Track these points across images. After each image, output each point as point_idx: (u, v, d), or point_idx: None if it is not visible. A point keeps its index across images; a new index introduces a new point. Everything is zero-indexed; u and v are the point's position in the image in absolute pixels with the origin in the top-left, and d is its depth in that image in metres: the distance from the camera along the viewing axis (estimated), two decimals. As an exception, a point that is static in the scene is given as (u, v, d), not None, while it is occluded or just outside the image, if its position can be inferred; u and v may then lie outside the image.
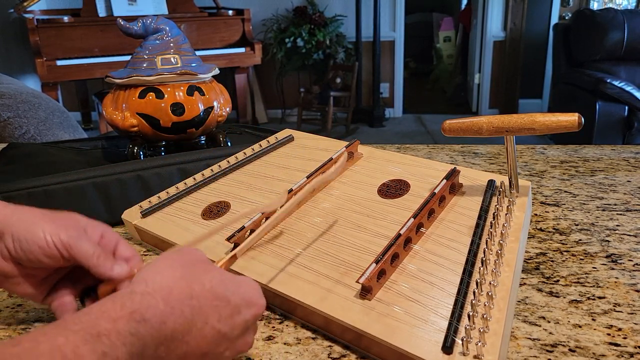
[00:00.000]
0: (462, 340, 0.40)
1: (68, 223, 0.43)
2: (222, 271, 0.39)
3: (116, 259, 0.44)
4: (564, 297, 0.53)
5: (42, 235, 0.41)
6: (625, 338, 0.46)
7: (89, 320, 0.30)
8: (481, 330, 0.40)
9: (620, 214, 0.73)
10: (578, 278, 0.56)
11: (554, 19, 4.64)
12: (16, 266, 0.43)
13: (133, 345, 0.31)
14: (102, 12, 3.41)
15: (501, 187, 0.57)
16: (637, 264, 0.59)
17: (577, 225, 0.70)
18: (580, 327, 0.48)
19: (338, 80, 4.36)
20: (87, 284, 0.46)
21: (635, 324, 0.48)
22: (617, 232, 0.67)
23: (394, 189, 0.61)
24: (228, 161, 0.73)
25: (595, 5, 4.68)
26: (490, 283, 0.45)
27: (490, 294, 0.44)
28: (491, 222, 0.52)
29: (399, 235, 0.50)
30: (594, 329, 0.48)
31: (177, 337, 0.33)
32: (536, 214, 0.74)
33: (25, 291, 0.44)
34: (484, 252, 0.48)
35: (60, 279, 0.46)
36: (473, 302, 0.43)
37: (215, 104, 0.87)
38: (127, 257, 0.45)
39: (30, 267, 0.43)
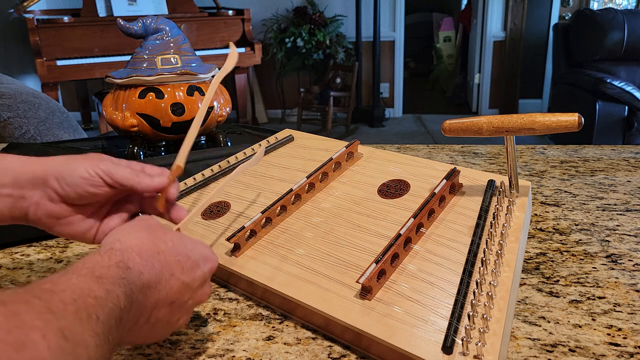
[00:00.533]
0: (462, 340, 0.40)
1: (100, 157, 0.48)
2: (179, 233, 0.44)
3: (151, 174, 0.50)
4: (564, 297, 0.53)
5: (84, 169, 0.46)
6: (625, 338, 0.46)
7: (89, 267, 0.35)
8: (481, 330, 0.40)
9: (620, 214, 0.73)
10: (578, 278, 0.56)
11: (554, 19, 4.64)
12: (67, 205, 0.46)
13: (126, 287, 0.35)
14: (102, 12, 3.41)
15: (501, 187, 0.57)
16: (637, 264, 0.59)
17: (577, 225, 0.70)
18: (580, 327, 0.48)
19: (338, 80, 4.36)
20: (132, 212, 0.51)
21: (635, 324, 0.48)
22: (617, 232, 0.67)
23: (394, 189, 0.61)
24: (228, 161, 0.73)
25: (595, 5, 4.68)
26: (490, 283, 0.45)
27: (490, 294, 0.44)
28: (491, 222, 0.52)
29: (399, 235, 0.50)
30: (594, 329, 0.48)
31: (152, 285, 0.38)
32: (536, 214, 0.74)
33: (78, 229, 0.48)
34: (484, 252, 0.48)
35: (106, 214, 0.50)
36: (473, 302, 0.43)
37: (215, 104, 0.87)
38: (158, 173, 0.50)
39: (78, 205, 0.47)
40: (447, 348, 0.40)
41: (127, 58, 0.87)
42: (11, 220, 0.47)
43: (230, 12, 3.74)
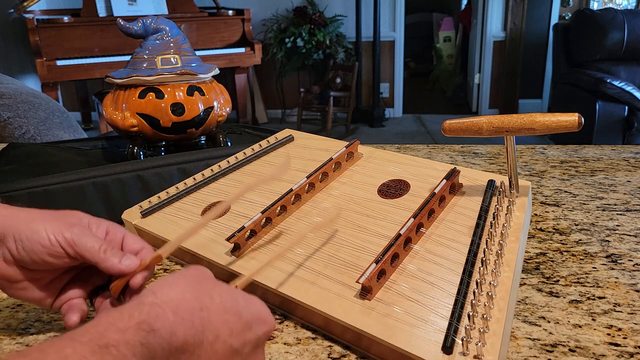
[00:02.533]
0: (462, 340, 0.40)
1: (71, 220, 0.42)
2: (231, 287, 0.38)
3: (124, 253, 0.43)
4: (564, 297, 0.53)
5: (45, 234, 0.40)
6: (625, 338, 0.46)
7: (96, 332, 0.29)
8: (481, 330, 0.40)
9: (620, 214, 0.73)
10: (578, 278, 0.56)
11: (554, 19, 4.64)
12: (21, 270, 0.42)
13: (143, 356, 0.30)
14: (102, 12, 3.41)
15: (501, 187, 0.57)
16: (637, 264, 0.59)
17: (577, 225, 0.70)
18: (580, 327, 0.48)
19: (338, 80, 4.36)
20: (96, 284, 0.46)
21: (635, 324, 0.48)
22: (617, 232, 0.67)
23: (394, 189, 0.61)
24: (228, 161, 0.73)
25: (595, 5, 4.68)
26: (490, 283, 0.45)
27: (490, 294, 0.44)
28: (491, 222, 0.52)
29: (399, 235, 0.50)
30: (594, 329, 0.48)
31: (188, 349, 0.32)
32: (536, 214, 0.73)
33: (33, 296, 0.43)
34: (484, 252, 0.48)
35: (68, 282, 0.45)
36: (473, 302, 0.43)
37: (215, 104, 0.87)
38: (136, 250, 0.44)
39: (36, 270, 0.42)
40: (447, 348, 0.40)
41: (127, 58, 0.87)
42: None
43: (230, 12, 3.74)
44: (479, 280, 0.45)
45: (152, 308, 0.31)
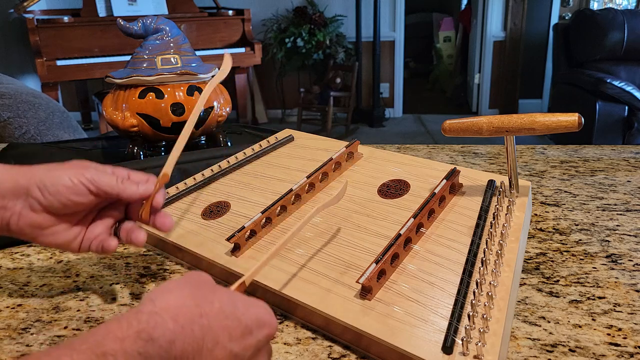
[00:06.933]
0: (462, 340, 0.40)
1: (83, 165, 0.47)
2: (231, 291, 0.38)
3: (137, 181, 0.48)
4: (564, 297, 0.53)
5: (67, 177, 0.45)
6: (625, 338, 0.46)
7: (95, 340, 0.29)
8: (481, 330, 0.40)
9: (620, 214, 0.73)
10: (578, 278, 0.56)
11: (554, 19, 4.64)
12: (49, 215, 0.45)
13: None
14: (102, 12, 3.41)
15: (501, 187, 0.57)
16: (637, 264, 0.59)
17: (577, 225, 0.70)
18: (580, 327, 0.48)
19: (338, 80, 4.36)
20: (117, 218, 0.50)
21: (635, 324, 0.48)
22: (617, 232, 0.67)
23: (394, 189, 0.61)
24: (228, 161, 0.73)
25: (595, 5, 4.68)
26: (490, 283, 0.45)
27: (490, 294, 0.44)
28: (491, 222, 0.52)
29: (399, 235, 0.50)
30: (594, 329, 0.48)
31: (188, 357, 0.32)
32: (536, 214, 0.74)
33: (61, 240, 0.47)
34: (484, 252, 0.48)
35: (90, 223, 0.49)
36: (473, 302, 0.43)
37: (215, 104, 0.87)
38: (145, 180, 0.49)
39: (62, 214, 0.46)
40: (447, 348, 0.40)
41: (127, 58, 0.87)
42: None
43: (230, 12, 3.74)
44: (479, 280, 0.45)
45: (150, 317, 0.32)
